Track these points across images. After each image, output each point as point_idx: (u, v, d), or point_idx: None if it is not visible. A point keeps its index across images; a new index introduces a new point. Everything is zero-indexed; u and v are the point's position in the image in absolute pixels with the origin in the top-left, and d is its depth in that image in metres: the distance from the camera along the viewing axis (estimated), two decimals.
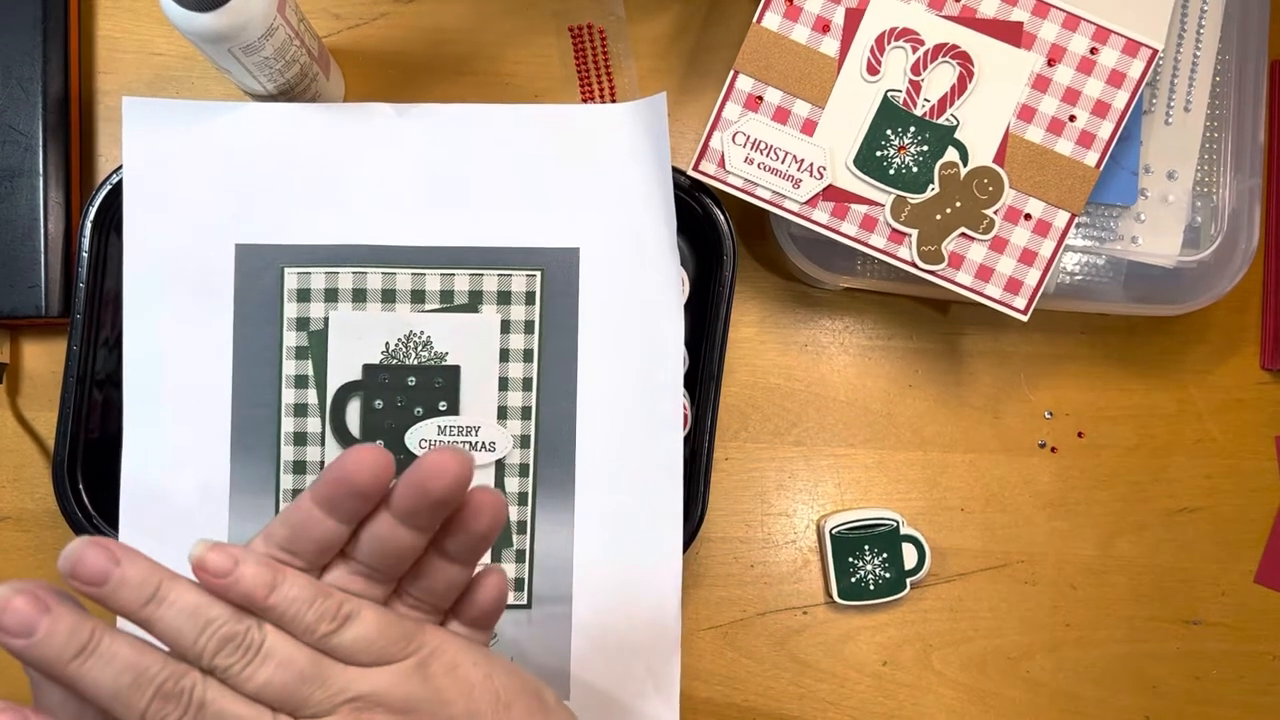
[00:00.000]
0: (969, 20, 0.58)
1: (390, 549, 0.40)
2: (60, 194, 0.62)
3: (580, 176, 0.59)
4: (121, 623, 0.59)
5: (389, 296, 0.58)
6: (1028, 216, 0.58)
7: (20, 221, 0.61)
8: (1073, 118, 0.58)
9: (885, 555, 0.64)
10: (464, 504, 0.40)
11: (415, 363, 0.58)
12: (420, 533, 0.40)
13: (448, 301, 0.59)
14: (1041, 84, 0.58)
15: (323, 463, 0.58)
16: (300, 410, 0.59)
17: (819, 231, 0.59)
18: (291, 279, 0.59)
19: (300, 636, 0.39)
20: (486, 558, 0.60)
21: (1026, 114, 0.58)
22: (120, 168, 0.59)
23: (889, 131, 0.58)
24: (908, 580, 0.64)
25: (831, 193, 0.59)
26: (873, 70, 0.58)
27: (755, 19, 0.58)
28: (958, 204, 0.58)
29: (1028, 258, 0.58)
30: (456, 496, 0.39)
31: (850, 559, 0.64)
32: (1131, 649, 0.65)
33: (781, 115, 0.59)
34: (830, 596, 0.64)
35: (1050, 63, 0.58)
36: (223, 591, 0.38)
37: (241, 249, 0.59)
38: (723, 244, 0.60)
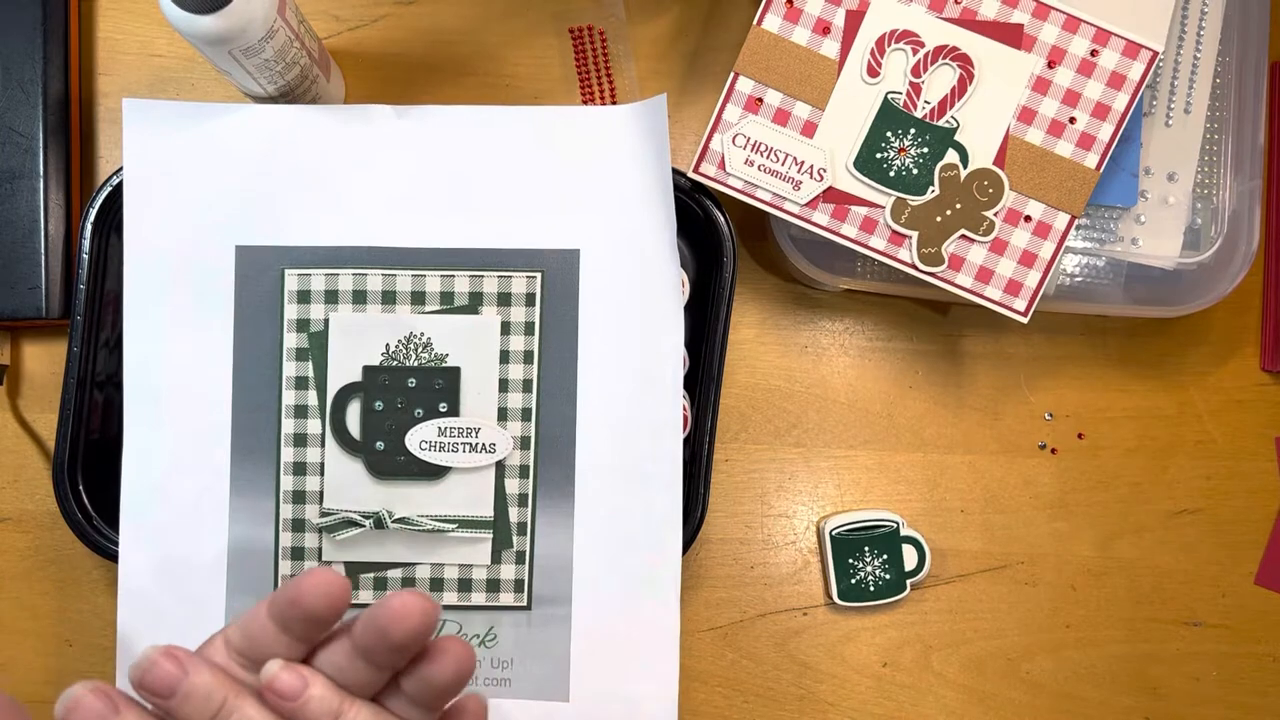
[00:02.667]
0: (969, 22, 0.58)
1: (347, 677, 0.39)
2: (60, 195, 0.62)
3: (580, 178, 0.59)
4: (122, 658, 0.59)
5: (389, 298, 0.58)
6: (1028, 218, 0.58)
7: (21, 223, 0.61)
8: (1073, 120, 0.58)
9: (885, 556, 0.64)
10: (428, 650, 0.39)
11: (415, 364, 0.58)
12: (379, 670, 0.39)
13: (448, 303, 0.59)
14: (1042, 86, 0.58)
15: (323, 465, 0.59)
16: (300, 412, 0.59)
17: (819, 233, 0.59)
18: (292, 280, 0.59)
19: None
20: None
21: (1027, 116, 0.58)
22: (120, 169, 0.59)
23: (889, 133, 0.58)
24: (908, 581, 0.64)
25: (832, 194, 0.59)
26: (873, 72, 0.58)
27: (755, 21, 0.58)
28: (958, 206, 0.58)
29: (1028, 259, 0.58)
30: (418, 642, 0.38)
31: (850, 560, 0.64)
32: (1131, 650, 0.65)
33: (782, 117, 0.59)
34: (830, 598, 0.64)
35: (1050, 65, 0.58)
36: (291, 714, 0.38)
37: (242, 250, 0.59)
38: (723, 246, 0.60)
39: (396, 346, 0.58)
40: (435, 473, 0.58)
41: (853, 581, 0.64)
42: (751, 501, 0.65)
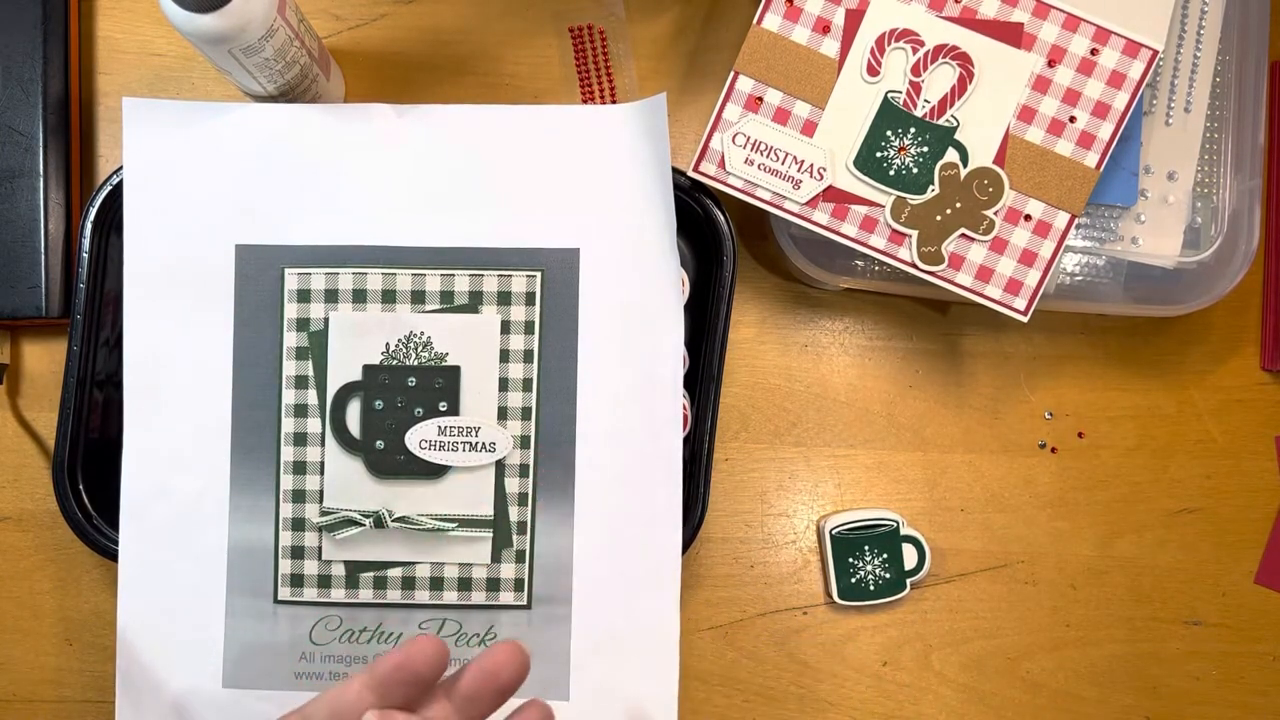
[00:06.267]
0: (969, 21, 0.58)
1: None
2: (60, 195, 0.62)
3: (580, 177, 0.59)
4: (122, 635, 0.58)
5: (389, 297, 0.58)
6: (1028, 217, 0.58)
7: (21, 222, 0.61)
8: (1073, 119, 0.58)
9: (885, 555, 0.64)
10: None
11: (415, 363, 0.58)
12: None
13: (448, 302, 0.59)
14: (1042, 85, 0.58)
15: (323, 464, 0.58)
16: (300, 411, 0.59)
17: (819, 232, 0.59)
18: (292, 280, 0.59)
19: None
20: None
21: (1027, 115, 0.58)
22: (120, 168, 0.59)
23: (889, 132, 0.58)
24: (908, 580, 0.64)
25: (831, 194, 0.59)
26: (873, 71, 0.58)
27: (755, 20, 0.58)
28: (958, 205, 0.58)
29: (1028, 258, 0.58)
30: (520, 684, 0.44)
31: (850, 559, 0.64)
32: (1131, 649, 0.65)
33: (782, 116, 0.59)
34: (830, 597, 0.64)
35: (1050, 64, 0.58)
36: None
37: (242, 250, 0.59)
38: (723, 245, 0.60)
39: (396, 345, 0.58)
40: (435, 472, 0.59)
41: (853, 580, 0.64)
42: (751, 500, 0.65)
